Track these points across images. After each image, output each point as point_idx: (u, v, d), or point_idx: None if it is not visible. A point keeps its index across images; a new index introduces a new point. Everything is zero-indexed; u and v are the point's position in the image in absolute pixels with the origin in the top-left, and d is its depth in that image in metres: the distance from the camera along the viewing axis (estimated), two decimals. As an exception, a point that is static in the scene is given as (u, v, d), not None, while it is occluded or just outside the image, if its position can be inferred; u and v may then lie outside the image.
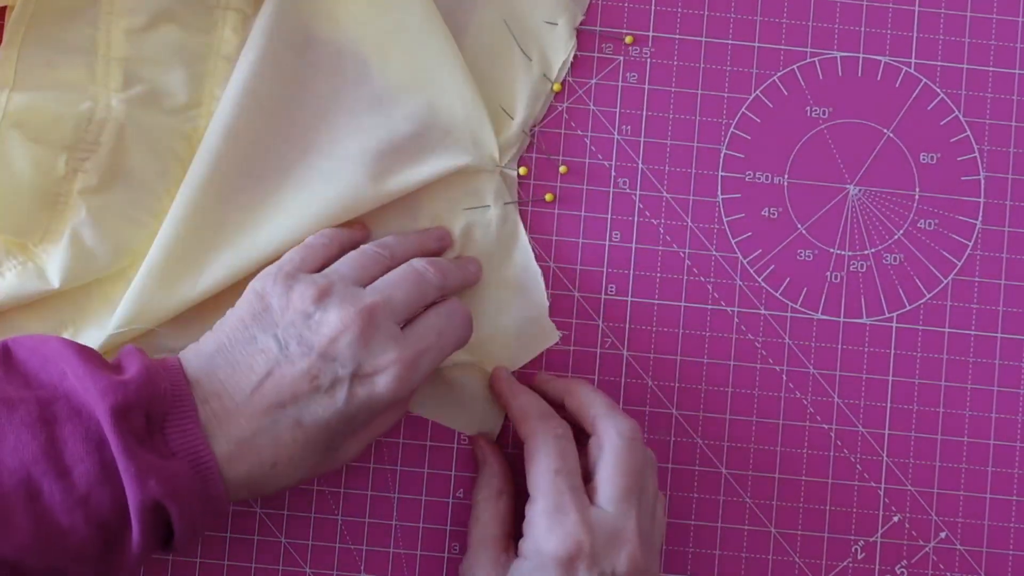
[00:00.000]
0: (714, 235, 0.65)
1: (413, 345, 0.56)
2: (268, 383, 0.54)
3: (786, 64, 0.66)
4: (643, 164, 0.65)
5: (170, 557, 0.63)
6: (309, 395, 0.54)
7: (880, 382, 0.65)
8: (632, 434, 0.58)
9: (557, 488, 0.56)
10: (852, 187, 0.66)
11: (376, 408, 0.55)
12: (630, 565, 0.56)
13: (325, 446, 0.55)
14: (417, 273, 0.58)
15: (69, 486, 0.50)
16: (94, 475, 0.50)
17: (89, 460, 0.50)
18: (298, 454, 0.54)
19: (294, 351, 0.54)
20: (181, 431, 0.52)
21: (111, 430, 0.50)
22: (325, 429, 0.54)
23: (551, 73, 0.65)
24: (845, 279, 0.65)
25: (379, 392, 0.55)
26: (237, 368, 0.54)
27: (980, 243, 0.66)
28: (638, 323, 0.65)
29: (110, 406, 0.50)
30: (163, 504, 0.51)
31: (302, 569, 0.63)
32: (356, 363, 0.54)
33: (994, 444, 0.65)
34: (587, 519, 0.56)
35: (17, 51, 0.61)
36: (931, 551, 0.65)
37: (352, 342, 0.54)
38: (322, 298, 0.55)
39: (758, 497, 0.64)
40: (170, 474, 0.51)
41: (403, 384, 0.55)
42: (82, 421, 0.51)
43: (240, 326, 0.55)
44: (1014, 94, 0.66)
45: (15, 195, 0.59)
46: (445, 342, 0.58)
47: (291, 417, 0.54)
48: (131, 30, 0.62)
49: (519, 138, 0.64)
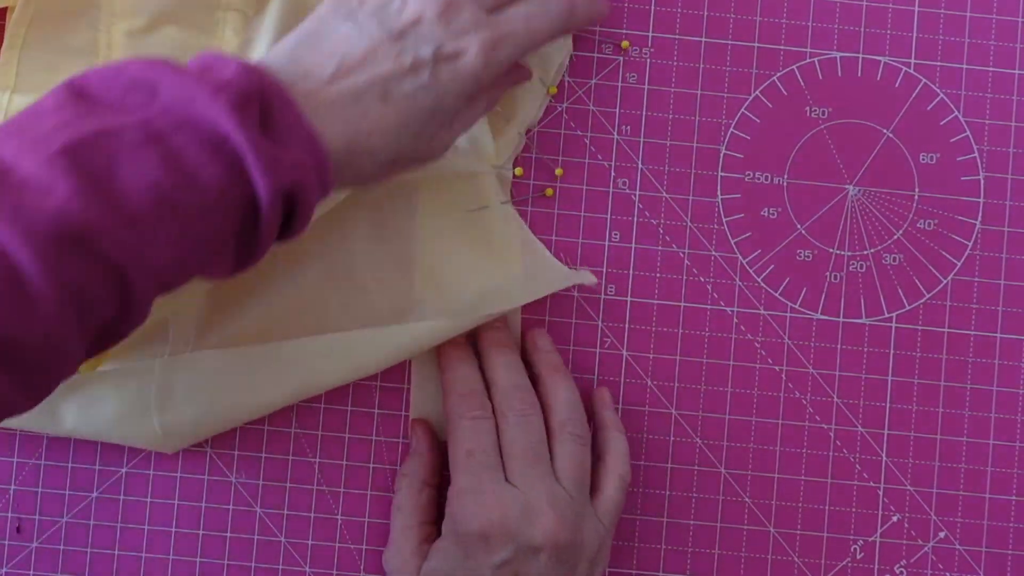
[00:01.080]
0: (714, 235, 0.65)
1: (497, 27, 0.56)
2: (348, 61, 0.54)
3: (786, 64, 0.66)
4: (643, 164, 0.65)
5: (170, 556, 0.63)
6: (393, 73, 0.54)
7: (879, 382, 0.65)
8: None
9: (470, 468, 0.58)
10: (852, 187, 0.66)
11: (462, 90, 0.55)
12: (546, 537, 0.57)
13: (418, 125, 0.55)
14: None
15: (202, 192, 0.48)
16: (222, 174, 0.48)
17: (212, 162, 0.48)
18: (390, 125, 0.54)
19: (374, 33, 0.54)
20: (290, 120, 0.51)
21: (236, 127, 0.48)
22: (412, 103, 0.54)
23: (547, 77, 0.65)
24: (844, 279, 0.65)
25: (463, 72, 0.55)
26: (320, 54, 0.54)
27: (980, 243, 0.66)
28: (638, 323, 0.65)
29: (226, 102, 0.49)
30: (293, 194, 0.50)
31: (302, 569, 0.64)
32: (437, 43, 0.54)
33: (993, 444, 0.65)
34: (500, 496, 0.57)
35: (18, 54, 0.61)
36: (930, 551, 0.65)
37: (432, 21, 0.54)
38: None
39: (758, 497, 0.65)
40: (296, 162, 0.50)
41: (486, 64, 0.55)
42: (192, 128, 0.49)
43: (318, 20, 0.55)
44: (1014, 94, 0.66)
45: None
46: (534, 28, 0.57)
47: (377, 91, 0.53)
48: (132, 32, 0.61)
49: (515, 140, 0.64)
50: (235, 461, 0.63)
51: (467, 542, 0.57)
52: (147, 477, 0.63)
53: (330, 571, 0.64)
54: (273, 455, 0.64)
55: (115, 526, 0.63)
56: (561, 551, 0.57)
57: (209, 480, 0.63)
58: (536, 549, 0.57)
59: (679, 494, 0.65)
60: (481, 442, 0.59)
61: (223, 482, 0.63)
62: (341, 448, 0.64)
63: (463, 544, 0.57)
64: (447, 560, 0.58)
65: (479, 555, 0.57)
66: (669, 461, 0.65)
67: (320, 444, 0.64)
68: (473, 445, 0.59)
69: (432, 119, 0.55)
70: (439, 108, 0.55)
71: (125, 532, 0.63)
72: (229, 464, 0.63)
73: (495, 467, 0.59)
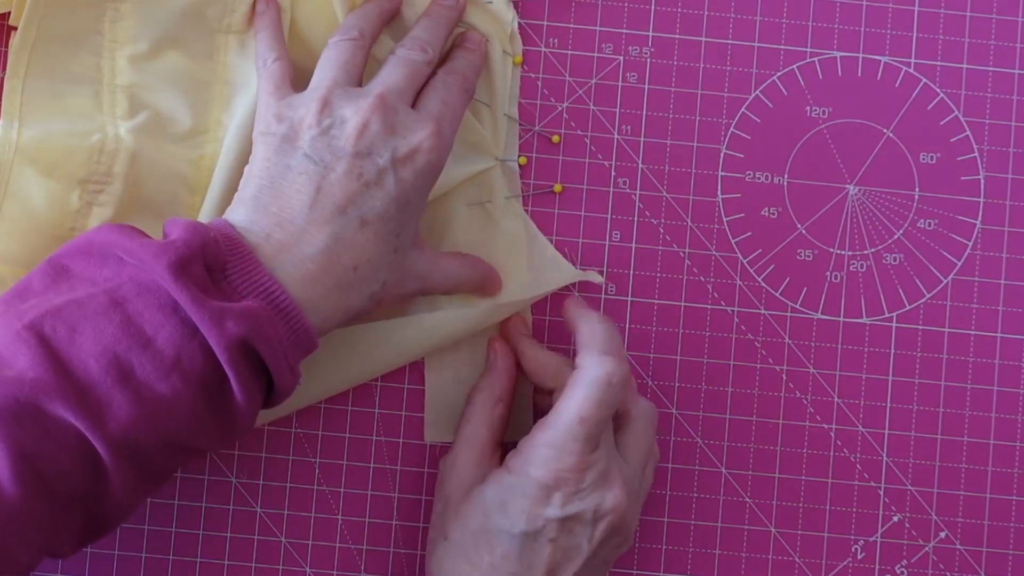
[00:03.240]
0: (714, 235, 0.65)
1: (430, 115, 0.57)
2: (321, 196, 0.55)
3: (786, 64, 0.66)
4: (643, 164, 0.65)
5: (170, 556, 0.63)
6: (362, 192, 0.55)
7: (880, 382, 0.65)
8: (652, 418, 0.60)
9: (572, 433, 0.56)
10: (852, 187, 0.66)
11: (424, 185, 0.57)
12: (614, 506, 0.56)
13: (394, 238, 0.56)
14: (401, 59, 0.59)
15: (157, 354, 0.50)
16: (178, 335, 0.51)
17: (168, 325, 0.51)
18: (374, 252, 0.55)
19: (330, 159, 0.55)
20: (244, 273, 0.53)
21: (174, 287, 0.50)
22: (388, 219, 0.55)
23: (509, 48, 0.65)
24: (845, 279, 0.65)
25: (421, 167, 0.56)
26: (286, 197, 0.55)
27: (980, 243, 0.66)
28: (638, 323, 0.65)
29: (166, 265, 0.51)
30: (250, 344, 0.51)
31: (302, 569, 0.63)
32: (391, 149, 0.56)
33: (994, 444, 0.65)
34: (586, 462, 0.56)
35: (22, 82, 0.60)
36: (931, 551, 0.65)
37: (379, 131, 0.56)
38: (326, 107, 0.56)
39: (758, 497, 0.64)
40: (245, 313, 0.51)
41: (440, 153, 0.57)
42: (152, 294, 0.51)
43: (268, 165, 0.56)
44: (1014, 94, 0.66)
45: (30, 230, 0.59)
46: (455, 101, 0.59)
47: (354, 218, 0.55)
48: (135, 57, 0.61)
49: (505, 124, 0.64)
50: (235, 461, 0.63)
51: (531, 485, 0.56)
52: (147, 477, 0.63)
53: (330, 571, 0.64)
54: (273, 455, 0.64)
55: (115, 526, 0.63)
56: (618, 526, 0.57)
57: (209, 480, 0.63)
58: (600, 516, 0.56)
59: (679, 494, 0.64)
60: (602, 415, 0.56)
61: (223, 482, 0.63)
62: (341, 448, 0.64)
63: (525, 487, 0.56)
64: (504, 492, 0.57)
65: (540, 503, 0.56)
66: (669, 461, 0.65)
67: (320, 444, 0.64)
68: (591, 414, 0.56)
69: (402, 223, 0.56)
70: (408, 210, 0.56)
71: (125, 532, 0.63)
72: (229, 464, 0.63)
73: (592, 440, 0.56)
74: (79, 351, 0.50)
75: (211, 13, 0.62)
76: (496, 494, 0.57)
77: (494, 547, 0.56)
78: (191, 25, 0.62)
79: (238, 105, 0.62)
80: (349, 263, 0.54)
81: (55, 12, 0.61)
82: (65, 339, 0.50)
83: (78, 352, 0.50)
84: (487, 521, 0.57)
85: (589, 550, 0.57)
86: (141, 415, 0.50)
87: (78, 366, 0.50)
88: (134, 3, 0.62)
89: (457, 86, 0.60)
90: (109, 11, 0.62)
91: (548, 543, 0.56)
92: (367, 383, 0.64)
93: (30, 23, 0.61)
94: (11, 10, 0.62)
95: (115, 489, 0.51)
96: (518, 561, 0.56)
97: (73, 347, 0.50)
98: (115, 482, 0.51)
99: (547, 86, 0.65)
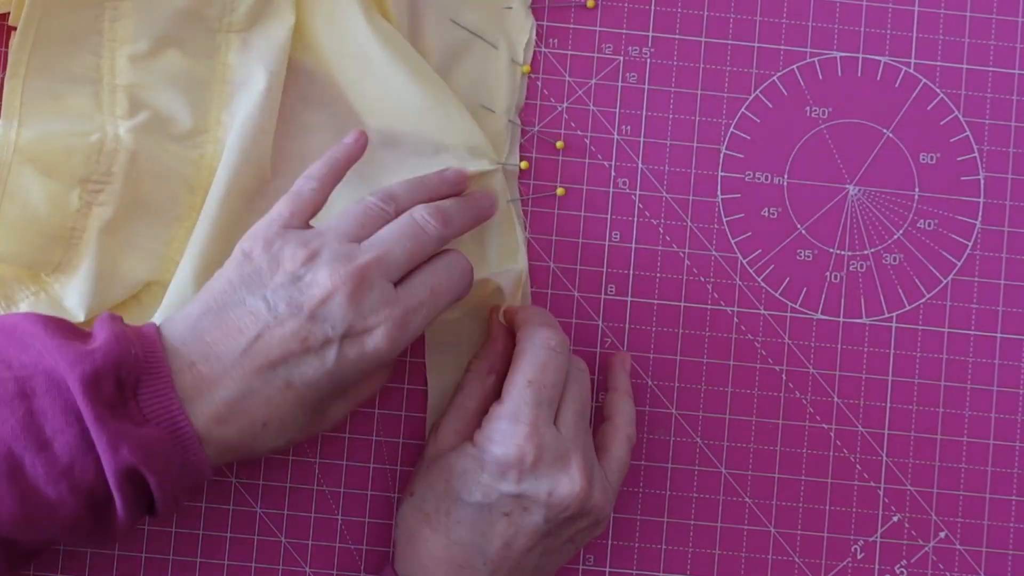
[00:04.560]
0: (714, 235, 0.65)
1: (405, 303, 0.55)
2: (258, 344, 0.53)
3: (786, 64, 0.66)
4: (643, 164, 0.65)
5: (170, 556, 0.63)
6: (299, 356, 0.54)
7: (880, 382, 0.65)
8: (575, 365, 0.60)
9: (523, 398, 0.57)
10: (852, 187, 0.66)
11: (365, 368, 0.55)
12: (568, 494, 0.57)
13: (314, 407, 0.55)
14: (416, 227, 0.57)
15: (51, 458, 0.50)
16: (75, 445, 0.51)
17: (69, 431, 0.51)
18: (288, 414, 0.54)
19: (283, 312, 0.54)
20: (155, 397, 0.52)
21: (81, 399, 0.50)
22: (315, 389, 0.54)
23: (518, 57, 0.65)
24: (845, 279, 0.65)
25: (369, 351, 0.54)
26: (226, 330, 0.54)
27: (980, 243, 0.66)
28: (638, 323, 0.65)
29: (78, 376, 0.50)
30: (141, 473, 0.51)
31: (302, 569, 0.64)
32: (347, 324, 0.54)
33: (993, 444, 0.65)
34: (539, 433, 0.57)
35: (22, 82, 0.60)
36: (931, 551, 0.65)
37: (343, 303, 0.54)
38: (312, 259, 0.54)
39: (758, 497, 0.65)
40: (144, 441, 0.51)
41: (393, 344, 0.55)
42: (60, 393, 0.51)
43: (228, 288, 0.55)
44: (1014, 94, 0.66)
45: (30, 230, 0.59)
46: (439, 299, 0.57)
47: (281, 378, 0.54)
48: (134, 57, 0.61)
49: (508, 129, 0.65)
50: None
51: (489, 462, 0.57)
52: (147, 477, 0.63)
53: (330, 571, 0.64)
54: (273, 455, 0.63)
55: (115, 526, 0.63)
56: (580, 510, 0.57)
57: (209, 480, 0.63)
58: (556, 498, 0.57)
59: (679, 494, 0.64)
60: (548, 378, 0.58)
61: (224, 482, 0.63)
62: (341, 448, 0.64)
63: (485, 463, 0.57)
64: (466, 462, 0.58)
65: (496, 478, 0.57)
66: (669, 461, 0.65)
67: (320, 444, 0.64)
68: (536, 376, 0.58)
69: (329, 396, 0.56)
70: (340, 386, 0.55)
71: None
72: (229, 464, 0.63)
73: (546, 404, 0.57)
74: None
75: (211, 12, 0.62)
76: (459, 463, 0.58)
77: (451, 512, 0.58)
78: (191, 24, 0.62)
79: (239, 104, 0.62)
80: (259, 418, 0.54)
81: (54, 12, 0.61)
82: None
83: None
84: (448, 487, 0.58)
85: (545, 528, 0.57)
86: (23, 515, 0.51)
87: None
88: (134, 2, 0.61)
89: (457, 274, 0.57)
90: (108, 10, 0.62)
91: (503, 516, 0.57)
92: (367, 383, 0.64)
93: (29, 23, 0.60)
94: (10, 10, 0.61)
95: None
96: (472, 529, 0.57)
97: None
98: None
99: (547, 86, 0.65)
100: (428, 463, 0.60)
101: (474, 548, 0.57)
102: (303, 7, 0.63)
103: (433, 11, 0.64)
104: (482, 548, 0.57)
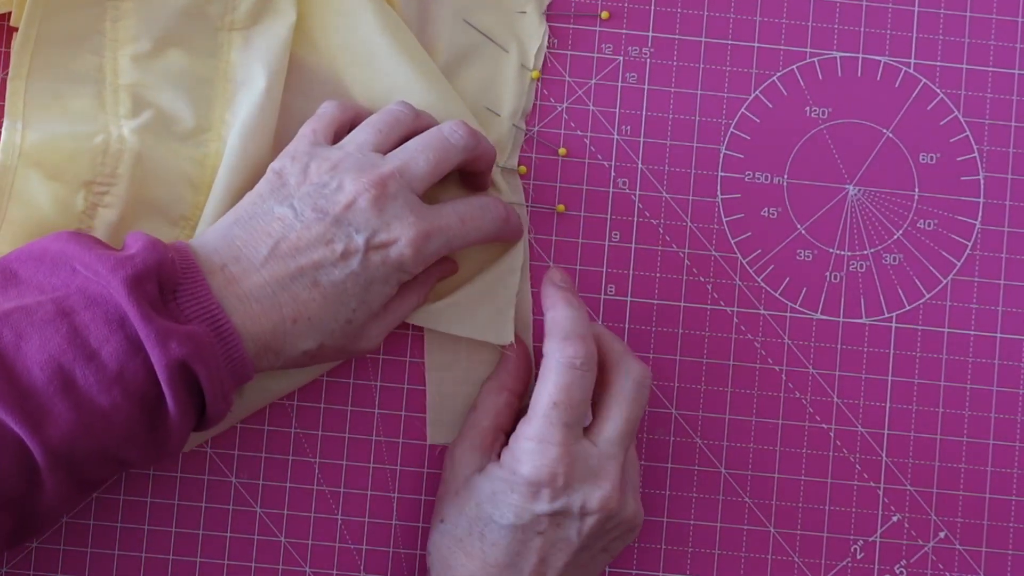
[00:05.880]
0: (713, 235, 0.65)
1: (431, 219, 0.57)
2: (284, 245, 0.55)
3: (786, 64, 0.66)
4: (643, 164, 0.65)
5: (170, 556, 0.63)
6: (325, 257, 0.55)
7: (879, 382, 0.65)
8: (644, 381, 0.59)
9: (550, 419, 0.57)
10: (851, 187, 0.66)
11: (390, 277, 0.56)
12: (601, 504, 0.57)
13: (348, 310, 0.56)
14: (442, 137, 0.58)
15: (100, 367, 0.51)
16: (123, 351, 0.51)
17: (114, 338, 0.51)
18: (316, 314, 0.55)
19: (309, 217, 0.55)
20: (193, 297, 0.53)
21: (127, 300, 0.51)
22: (342, 291, 0.55)
23: (528, 62, 0.65)
24: (844, 279, 0.65)
25: (392, 257, 0.56)
26: (255, 234, 0.56)
27: (979, 243, 0.66)
28: (638, 323, 0.65)
29: (122, 279, 0.52)
30: (190, 366, 0.52)
31: (302, 569, 0.64)
32: (370, 230, 0.55)
33: (993, 444, 0.65)
34: (570, 453, 0.57)
35: (25, 83, 0.60)
36: (930, 551, 0.65)
37: (366, 208, 0.55)
38: (335, 168, 0.56)
39: (758, 497, 0.65)
40: (189, 336, 0.52)
41: (417, 253, 0.56)
42: (100, 306, 0.52)
43: (258, 200, 0.57)
44: (1014, 94, 0.66)
45: (36, 233, 0.58)
46: (467, 230, 0.58)
47: (308, 277, 0.55)
48: (137, 56, 0.61)
49: (511, 133, 0.65)
50: (235, 461, 0.64)
51: (519, 482, 0.57)
52: (147, 477, 0.63)
53: (330, 571, 0.64)
54: (273, 455, 0.64)
55: (115, 526, 0.63)
56: (610, 518, 0.57)
57: (209, 480, 0.63)
58: (588, 511, 0.57)
59: (679, 494, 0.65)
60: (574, 398, 0.57)
61: (223, 482, 0.63)
62: (341, 448, 0.64)
63: (514, 483, 0.57)
64: (495, 485, 0.58)
65: (528, 499, 0.57)
66: (669, 461, 0.65)
67: (320, 444, 0.64)
68: (561, 398, 0.57)
69: (360, 307, 0.56)
70: (367, 296, 0.56)
71: (125, 532, 0.63)
72: (229, 464, 0.63)
73: (573, 425, 0.57)
74: (24, 358, 0.51)
75: (213, 11, 0.62)
76: (488, 485, 0.58)
77: (485, 535, 0.57)
78: (193, 23, 0.62)
79: (241, 103, 0.62)
80: (289, 314, 0.55)
81: (56, 12, 0.61)
82: (11, 345, 0.51)
83: (23, 359, 0.51)
84: (479, 510, 0.58)
85: (579, 542, 0.57)
86: (80, 425, 0.51)
87: (22, 373, 0.51)
88: (135, 2, 0.61)
89: (491, 215, 0.59)
90: (110, 10, 0.62)
91: (537, 535, 0.57)
92: (367, 383, 0.64)
93: (31, 23, 0.60)
94: (12, 10, 0.61)
95: (48, 495, 0.52)
96: (507, 550, 0.57)
97: (19, 354, 0.51)
98: (49, 488, 0.52)
99: (547, 86, 0.65)
100: (454, 486, 0.60)
101: (510, 569, 0.57)
102: (309, 1, 0.63)
103: (445, 12, 0.64)
104: (519, 568, 0.57)
